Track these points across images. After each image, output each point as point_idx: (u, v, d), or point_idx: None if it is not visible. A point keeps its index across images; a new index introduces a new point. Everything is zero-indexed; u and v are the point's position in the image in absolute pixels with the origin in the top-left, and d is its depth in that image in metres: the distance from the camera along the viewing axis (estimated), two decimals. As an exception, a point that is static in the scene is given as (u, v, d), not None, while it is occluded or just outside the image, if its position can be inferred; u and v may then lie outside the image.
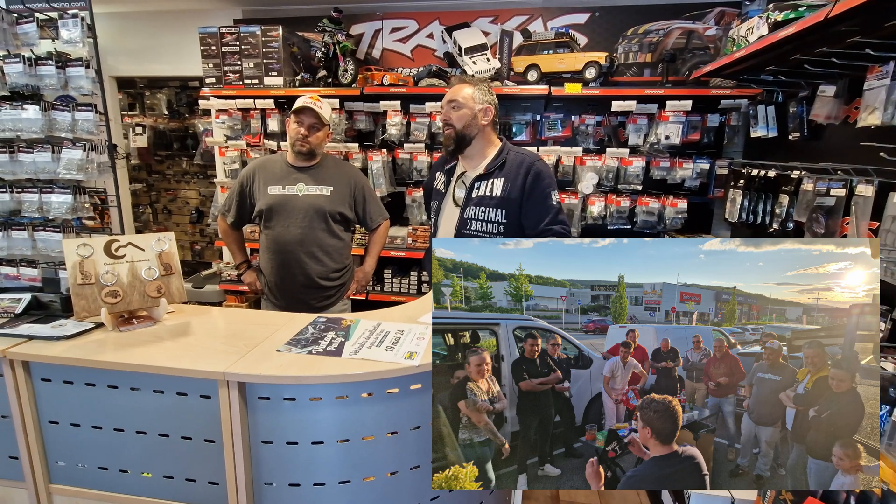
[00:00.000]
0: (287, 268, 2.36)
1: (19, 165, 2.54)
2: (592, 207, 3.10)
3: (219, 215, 2.54)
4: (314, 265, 2.38)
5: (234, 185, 2.42)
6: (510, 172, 2.01)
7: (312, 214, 2.35)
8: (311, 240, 2.36)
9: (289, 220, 2.33)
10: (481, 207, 2.03)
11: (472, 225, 2.06)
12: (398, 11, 3.48)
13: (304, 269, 2.36)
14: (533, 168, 1.98)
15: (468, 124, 2.04)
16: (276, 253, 2.36)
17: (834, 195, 1.82)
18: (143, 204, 6.26)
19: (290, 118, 2.34)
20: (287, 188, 2.34)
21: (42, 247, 2.62)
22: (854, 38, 1.64)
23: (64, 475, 1.48)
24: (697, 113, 2.95)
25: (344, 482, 1.34)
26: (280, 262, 2.36)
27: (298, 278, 2.37)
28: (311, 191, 2.37)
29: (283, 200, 2.33)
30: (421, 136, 3.26)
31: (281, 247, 2.34)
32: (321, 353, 1.37)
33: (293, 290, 2.39)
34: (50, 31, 2.57)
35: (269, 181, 2.35)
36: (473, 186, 2.07)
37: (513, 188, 1.99)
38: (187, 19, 3.80)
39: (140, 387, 1.36)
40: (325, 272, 2.41)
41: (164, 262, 1.68)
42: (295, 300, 2.39)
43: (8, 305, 1.69)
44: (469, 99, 2.05)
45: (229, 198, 2.45)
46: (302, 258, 2.35)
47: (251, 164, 2.44)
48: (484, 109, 2.04)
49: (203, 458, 1.36)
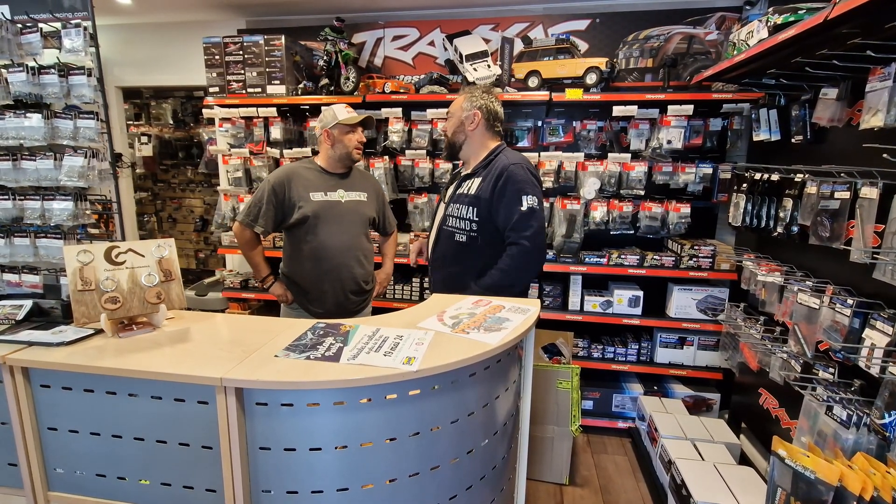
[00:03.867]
0: (335, 273, 2.38)
1: (22, 173, 2.56)
2: (595, 213, 3.08)
3: (240, 225, 2.37)
4: (359, 269, 2.43)
5: (263, 194, 2.33)
6: (488, 173, 2.07)
7: (356, 220, 2.42)
8: (357, 245, 2.42)
9: (335, 226, 2.36)
10: (457, 205, 2.13)
11: (449, 221, 2.17)
12: (399, 20, 3.51)
13: (352, 274, 2.41)
14: (507, 171, 2.01)
15: (455, 131, 2.19)
16: (321, 260, 2.36)
17: (838, 198, 1.80)
18: (148, 213, 6.30)
19: (336, 129, 2.35)
20: (329, 194, 2.37)
21: (44, 254, 2.63)
22: (855, 40, 1.63)
23: (62, 482, 1.47)
24: (699, 117, 2.94)
25: (342, 490, 1.32)
26: (326, 268, 2.37)
27: (347, 283, 2.40)
28: (351, 196, 2.42)
29: (329, 206, 2.35)
30: (422, 142, 3.27)
31: (328, 254, 2.35)
32: (319, 358, 1.36)
33: (338, 296, 2.40)
34: (53, 41, 2.60)
35: (308, 188, 2.35)
36: (459, 185, 2.17)
37: (486, 188, 2.04)
38: (192, 30, 3.84)
39: (138, 393, 1.36)
40: (366, 275, 2.48)
41: (164, 268, 1.68)
42: (336, 306, 2.40)
43: (9, 312, 1.69)
44: (457, 108, 2.19)
45: (255, 206, 2.34)
46: (350, 263, 2.39)
47: (281, 172, 2.37)
48: (470, 116, 2.15)
49: (200, 465, 1.35)
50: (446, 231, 2.16)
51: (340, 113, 2.33)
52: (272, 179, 2.35)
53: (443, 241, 2.19)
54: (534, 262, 2.03)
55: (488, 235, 2.06)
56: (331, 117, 2.35)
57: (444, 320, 1.63)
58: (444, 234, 2.18)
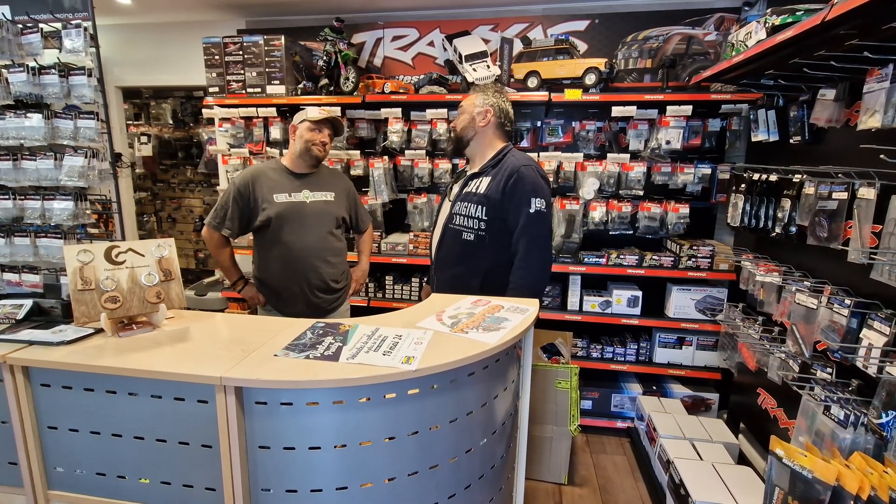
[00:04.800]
0: (302, 274, 2.37)
1: (22, 173, 2.57)
2: (594, 213, 3.09)
3: (208, 228, 2.38)
4: (328, 269, 2.42)
5: (229, 196, 2.34)
6: (498, 173, 2.07)
7: (323, 220, 2.40)
8: (325, 245, 2.40)
9: (301, 228, 2.34)
10: (466, 203, 2.12)
11: (456, 219, 2.15)
12: (399, 20, 3.51)
13: (320, 274, 2.40)
14: (517, 172, 2.03)
15: (465, 127, 2.17)
16: (289, 261, 2.35)
17: (836, 198, 1.81)
18: (147, 213, 6.30)
19: (301, 125, 2.35)
20: (293, 195, 2.35)
21: (44, 253, 2.64)
22: (853, 41, 1.64)
23: (62, 481, 1.48)
24: (698, 118, 2.94)
25: (341, 488, 1.32)
26: (294, 269, 2.36)
27: (314, 283, 2.39)
28: (317, 197, 2.40)
29: (293, 208, 2.34)
30: (422, 142, 3.27)
31: (295, 254, 2.34)
32: (318, 357, 1.36)
33: (308, 297, 2.40)
34: (54, 42, 2.60)
35: (272, 189, 2.34)
36: (466, 183, 2.16)
37: (495, 188, 2.05)
38: (192, 30, 3.85)
39: (138, 392, 1.36)
40: (335, 275, 2.47)
41: (164, 267, 1.68)
42: (308, 306, 2.40)
43: (10, 311, 1.70)
44: (470, 104, 2.17)
45: (222, 209, 2.35)
46: (316, 264, 2.38)
47: (246, 174, 2.37)
48: (482, 112, 2.14)
49: (200, 464, 1.35)
50: (452, 229, 2.15)
51: (311, 112, 2.35)
52: (237, 181, 2.34)
53: (448, 240, 2.18)
54: (547, 270, 2.12)
55: (496, 235, 2.07)
56: (301, 115, 2.37)
57: (443, 320, 1.64)
58: (449, 233, 2.17)
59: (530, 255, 2.03)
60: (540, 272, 2.06)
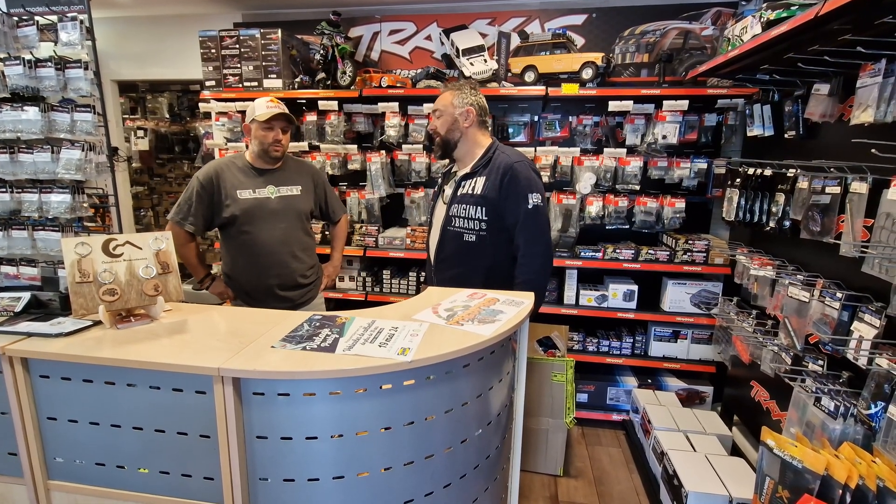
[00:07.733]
0: (270, 270, 2.34)
1: (19, 166, 2.57)
2: (590, 207, 3.10)
3: (171, 224, 2.29)
4: (296, 264, 2.39)
5: (192, 192, 2.27)
6: (491, 171, 2.09)
7: (290, 215, 2.36)
8: (293, 240, 2.38)
9: (265, 224, 2.30)
10: (463, 205, 2.12)
11: (455, 222, 2.16)
12: (396, 14, 3.51)
13: (288, 269, 2.37)
14: (511, 169, 2.04)
15: (450, 129, 2.15)
16: (257, 256, 2.32)
17: (829, 193, 1.83)
18: (144, 207, 6.30)
19: (252, 125, 2.26)
20: (258, 191, 2.30)
21: (42, 246, 2.65)
22: (846, 37, 1.65)
23: (62, 471, 1.49)
24: (694, 112, 2.96)
25: (338, 477, 1.34)
26: (262, 264, 2.33)
27: (283, 279, 2.37)
28: (283, 192, 2.36)
29: (258, 204, 2.29)
30: (419, 137, 3.28)
31: (263, 249, 2.31)
32: (315, 349, 1.38)
33: (275, 292, 2.37)
34: (50, 35, 2.60)
35: (236, 186, 2.28)
36: (460, 185, 2.16)
37: (492, 188, 2.06)
38: (188, 23, 3.83)
39: (136, 383, 1.37)
40: (304, 269, 2.44)
41: (162, 260, 1.69)
42: (276, 301, 2.37)
43: (8, 304, 1.70)
44: (448, 105, 2.14)
45: (185, 204, 2.28)
46: (285, 259, 2.35)
47: (210, 168, 2.30)
48: (464, 112, 2.13)
49: (199, 454, 1.37)
50: (452, 232, 2.16)
51: (259, 108, 2.23)
52: (200, 176, 2.28)
53: (449, 242, 2.19)
54: (550, 263, 2.15)
55: (496, 234, 2.09)
56: (250, 111, 2.27)
57: (439, 312, 1.65)
58: (449, 235, 2.18)
59: (533, 250, 2.06)
60: (543, 265, 2.10)
